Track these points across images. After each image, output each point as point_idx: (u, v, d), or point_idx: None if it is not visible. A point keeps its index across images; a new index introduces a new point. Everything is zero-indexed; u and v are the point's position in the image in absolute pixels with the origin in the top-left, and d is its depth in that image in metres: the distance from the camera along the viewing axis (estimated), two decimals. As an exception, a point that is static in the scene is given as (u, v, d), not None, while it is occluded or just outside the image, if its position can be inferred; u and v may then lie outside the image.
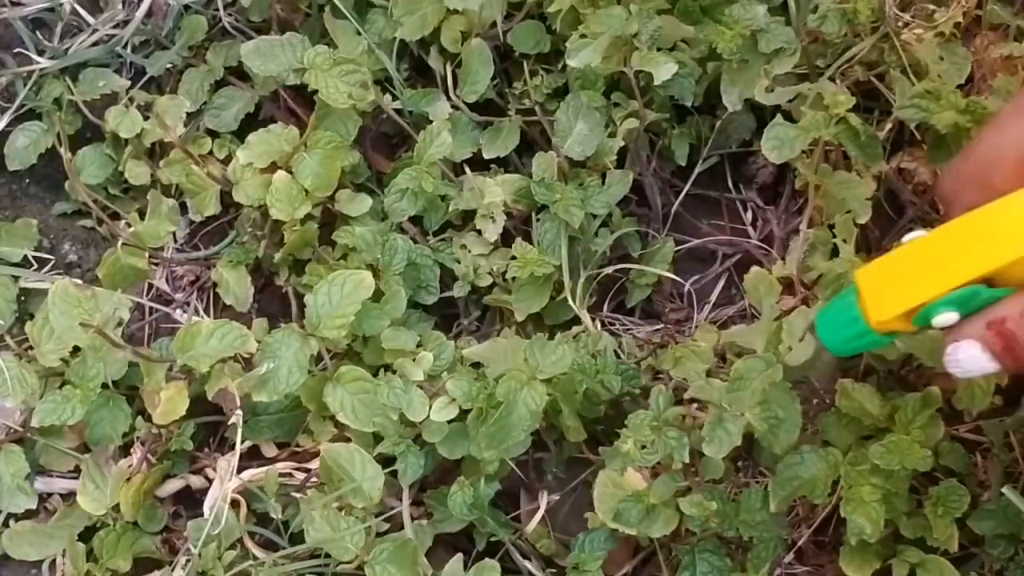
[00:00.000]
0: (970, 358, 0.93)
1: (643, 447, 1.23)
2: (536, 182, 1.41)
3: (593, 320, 1.42)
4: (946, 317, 0.93)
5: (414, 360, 1.32)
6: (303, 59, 1.39)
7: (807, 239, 1.36)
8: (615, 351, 1.37)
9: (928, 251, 0.94)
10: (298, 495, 1.33)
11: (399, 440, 1.30)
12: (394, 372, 1.32)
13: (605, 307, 1.51)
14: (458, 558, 1.27)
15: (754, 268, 1.38)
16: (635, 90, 1.41)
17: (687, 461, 1.23)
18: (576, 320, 1.41)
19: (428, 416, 1.29)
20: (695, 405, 1.29)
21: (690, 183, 1.52)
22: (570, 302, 1.38)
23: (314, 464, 1.34)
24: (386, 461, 1.31)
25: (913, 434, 1.22)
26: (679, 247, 1.50)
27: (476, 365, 1.34)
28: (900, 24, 1.39)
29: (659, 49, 1.38)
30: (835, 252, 1.34)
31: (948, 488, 1.26)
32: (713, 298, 1.53)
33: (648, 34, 1.35)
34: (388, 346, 1.33)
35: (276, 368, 1.28)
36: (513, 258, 1.39)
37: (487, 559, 1.28)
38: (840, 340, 1.02)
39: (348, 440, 1.32)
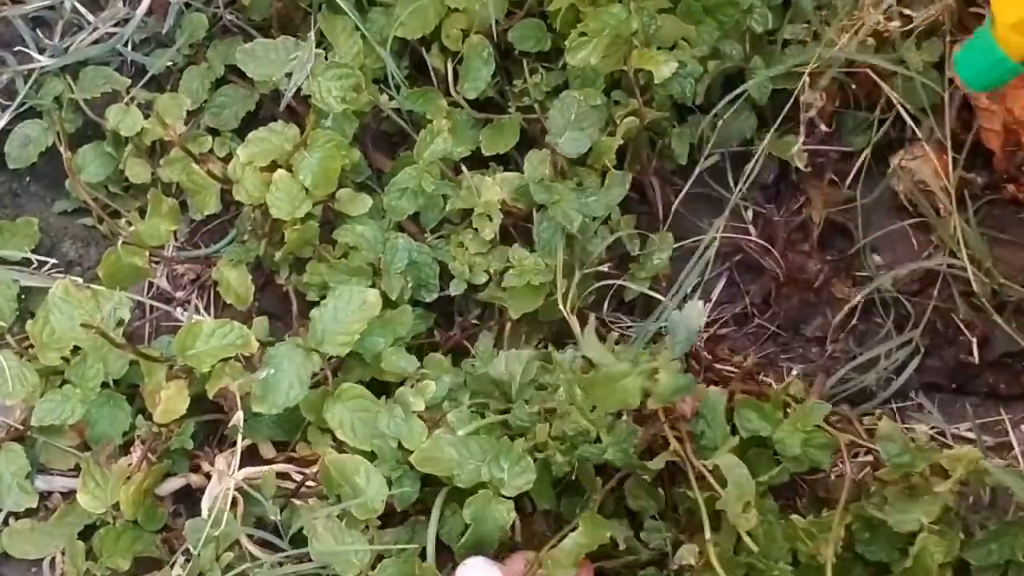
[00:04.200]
0: None
1: None
2: (535, 182, 1.41)
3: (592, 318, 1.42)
4: None
5: (413, 386, 1.32)
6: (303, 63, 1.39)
7: None
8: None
9: None
10: (298, 502, 1.32)
11: (396, 466, 1.29)
12: (395, 401, 1.31)
13: (605, 305, 1.51)
14: None
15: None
16: (635, 88, 1.41)
17: None
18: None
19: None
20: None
21: (691, 182, 1.51)
22: (560, 307, 1.37)
23: (313, 468, 1.34)
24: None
25: None
26: (679, 244, 1.50)
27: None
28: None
29: (659, 48, 1.38)
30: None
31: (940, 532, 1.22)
32: (714, 296, 1.54)
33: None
34: (388, 368, 1.34)
35: (277, 381, 1.28)
36: (510, 263, 1.39)
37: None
38: (978, 73, 1.17)
39: (344, 453, 1.31)
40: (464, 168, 1.45)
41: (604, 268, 1.44)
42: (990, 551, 1.25)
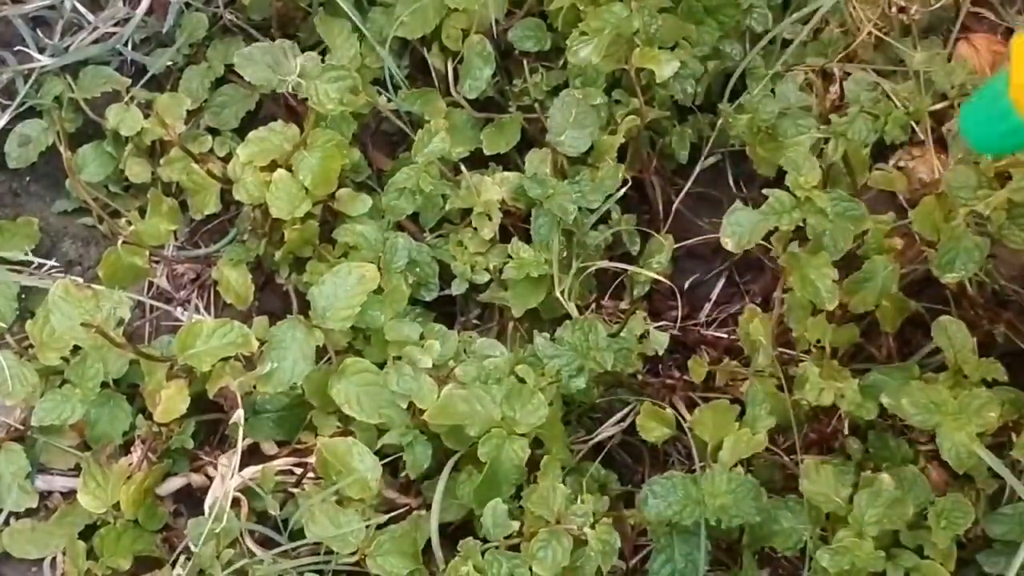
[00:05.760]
0: None
1: None
2: (529, 178, 1.41)
3: (591, 314, 1.42)
4: None
5: (423, 347, 1.32)
6: (295, 67, 1.39)
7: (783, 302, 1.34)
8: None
9: None
10: (296, 491, 1.33)
11: (406, 431, 1.30)
12: (403, 360, 1.31)
13: (606, 302, 1.51)
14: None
15: (749, 308, 1.37)
16: (636, 88, 1.41)
17: None
18: (572, 315, 1.41)
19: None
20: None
21: (691, 181, 1.51)
22: (560, 297, 1.38)
23: (312, 459, 1.34)
24: (383, 456, 1.31)
25: (867, 529, 1.19)
26: (680, 244, 1.50)
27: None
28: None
29: (660, 47, 1.38)
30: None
31: (953, 502, 1.22)
32: (714, 296, 1.54)
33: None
34: (391, 337, 1.33)
35: (282, 359, 1.28)
36: (510, 257, 1.39)
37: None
38: (988, 136, 0.86)
39: (352, 435, 1.32)
40: (464, 168, 1.45)
41: (604, 263, 1.44)
42: None
